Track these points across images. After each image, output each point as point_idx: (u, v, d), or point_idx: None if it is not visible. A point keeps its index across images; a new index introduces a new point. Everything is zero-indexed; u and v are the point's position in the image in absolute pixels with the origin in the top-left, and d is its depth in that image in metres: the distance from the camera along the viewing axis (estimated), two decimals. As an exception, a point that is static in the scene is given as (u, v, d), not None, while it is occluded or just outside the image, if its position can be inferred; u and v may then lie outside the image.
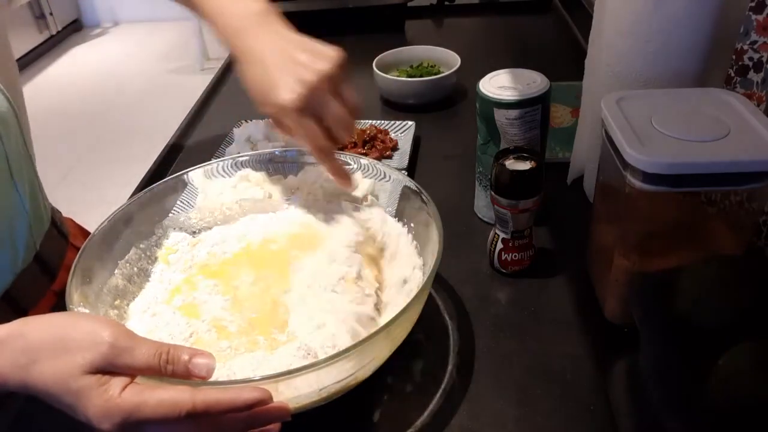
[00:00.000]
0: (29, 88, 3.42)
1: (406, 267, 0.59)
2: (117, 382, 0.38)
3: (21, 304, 0.64)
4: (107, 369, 0.39)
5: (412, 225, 0.62)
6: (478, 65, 0.85)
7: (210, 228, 0.67)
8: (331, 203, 0.67)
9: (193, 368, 0.41)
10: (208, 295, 0.56)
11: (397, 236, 0.63)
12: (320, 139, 0.58)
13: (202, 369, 0.41)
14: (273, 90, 0.55)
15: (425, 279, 0.51)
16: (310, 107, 0.55)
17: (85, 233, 0.81)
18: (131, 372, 0.39)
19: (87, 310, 0.52)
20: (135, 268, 0.62)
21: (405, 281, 0.58)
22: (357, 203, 0.67)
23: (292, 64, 0.56)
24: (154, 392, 0.38)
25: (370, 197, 0.67)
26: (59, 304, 0.66)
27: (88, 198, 2.42)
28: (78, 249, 0.56)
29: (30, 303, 0.65)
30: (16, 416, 0.55)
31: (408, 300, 0.49)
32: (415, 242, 0.61)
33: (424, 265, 0.57)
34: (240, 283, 0.57)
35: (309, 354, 0.49)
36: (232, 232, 0.64)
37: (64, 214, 0.80)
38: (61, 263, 0.71)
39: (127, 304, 0.58)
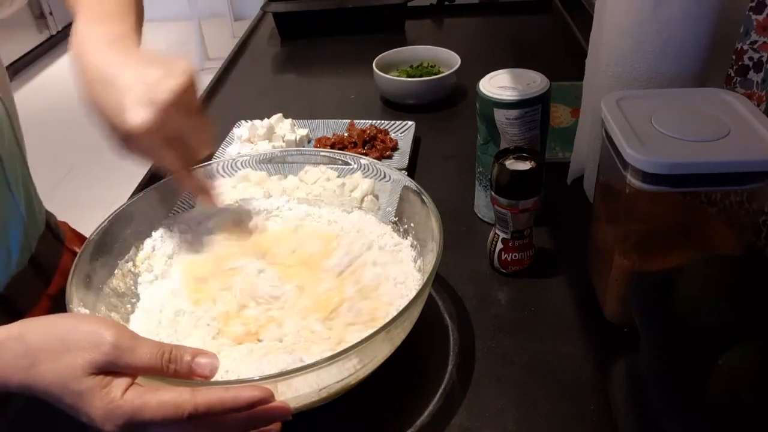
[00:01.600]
0: (29, 88, 3.43)
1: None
2: (119, 384, 0.38)
3: (16, 307, 0.64)
4: (109, 370, 0.39)
5: (412, 225, 0.62)
6: (478, 65, 0.85)
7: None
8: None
9: (195, 368, 0.41)
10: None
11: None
12: (175, 163, 0.55)
13: (205, 368, 0.41)
14: (120, 113, 0.51)
15: (425, 279, 0.51)
16: (162, 129, 0.51)
17: (81, 237, 0.80)
18: (133, 372, 0.39)
19: (87, 311, 0.52)
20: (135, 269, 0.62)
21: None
22: (357, 204, 0.67)
23: (140, 83, 0.51)
24: (155, 393, 0.38)
25: (370, 197, 0.67)
26: (54, 309, 0.66)
27: (88, 198, 2.42)
28: (73, 253, 0.56)
29: (25, 306, 0.65)
30: (16, 416, 0.55)
31: (408, 300, 0.49)
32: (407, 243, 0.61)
33: (424, 265, 0.57)
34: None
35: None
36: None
37: (65, 214, 0.80)
38: (56, 267, 0.71)
39: (128, 304, 0.58)
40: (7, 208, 0.63)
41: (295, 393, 0.46)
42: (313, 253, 0.61)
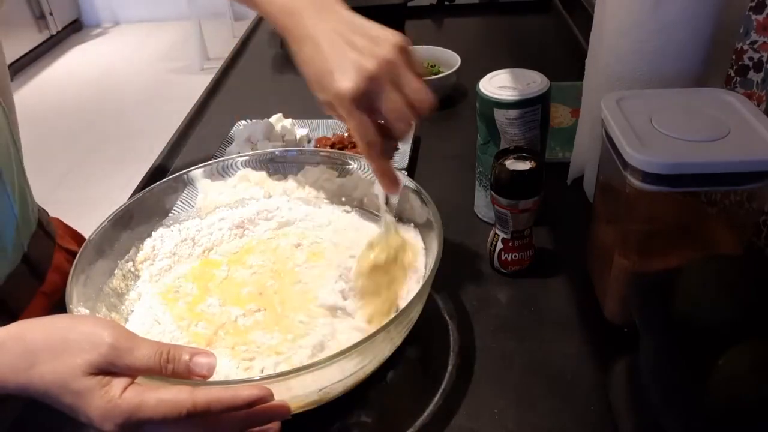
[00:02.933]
0: (29, 88, 3.42)
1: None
2: (118, 383, 0.38)
3: (10, 305, 0.64)
4: (108, 370, 0.39)
5: (412, 225, 0.62)
6: (478, 65, 0.85)
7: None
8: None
9: (194, 367, 0.41)
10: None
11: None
12: (371, 135, 0.51)
13: (203, 368, 0.41)
14: (328, 76, 0.49)
15: (425, 279, 0.51)
16: (366, 98, 0.49)
17: (73, 233, 0.80)
18: (132, 372, 0.40)
19: (87, 311, 0.52)
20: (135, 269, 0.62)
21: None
22: (355, 205, 0.67)
23: (351, 48, 0.50)
24: (154, 392, 0.38)
25: (370, 197, 0.67)
26: (50, 306, 0.66)
27: (88, 198, 2.42)
28: (65, 250, 0.55)
29: (20, 305, 0.65)
30: (17, 417, 0.55)
31: (408, 300, 0.49)
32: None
33: (424, 265, 0.57)
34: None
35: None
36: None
37: (65, 214, 0.80)
38: (49, 264, 0.70)
39: (127, 303, 0.58)
40: (2, 209, 0.63)
41: (295, 393, 0.46)
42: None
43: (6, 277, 0.63)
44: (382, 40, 0.50)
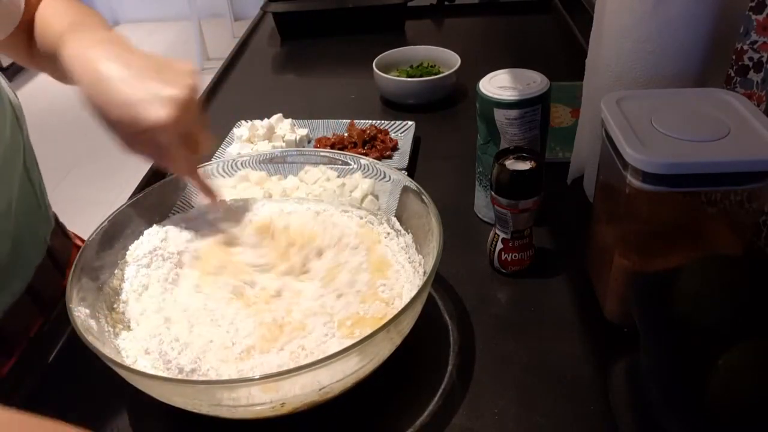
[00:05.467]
0: (29, 88, 3.42)
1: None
2: None
3: (42, 297, 0.66)
4: None
5: (412, 225, 0.62)
6: (478, 65, 0.85)
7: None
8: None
9: None
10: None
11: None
12: (188, 159, 0.56)
13: None
14: (140, 107, 0.50)
15: (425, 278, 0.51)
16: (180, 124, 0.51)
17: (79, 238, 0.81)
18: None
19: (87, 310, 0.52)
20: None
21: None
22: (356, 204, 0.67)
23: (157, 79, 0.52)
24: None
25: (370, 197, 0.67)
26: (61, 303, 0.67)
27: (88, 198, 2.42)
28: (78, 248, 0.57)
29: (49, 297, 0.67)
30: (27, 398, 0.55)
31: (408, 300, 0.49)
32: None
33: (424, 264, 0.57)
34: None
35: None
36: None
37: (65, 214, 0.82)
38: (68, 260, 0.73)
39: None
40: (30, 202, 0.66)
41: (295, 393, 0.46)
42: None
43: (37, 268, 0.66)
44: (183, 71, 0.54)
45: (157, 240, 0.60)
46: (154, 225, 0.63)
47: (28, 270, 0.66)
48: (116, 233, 0.61)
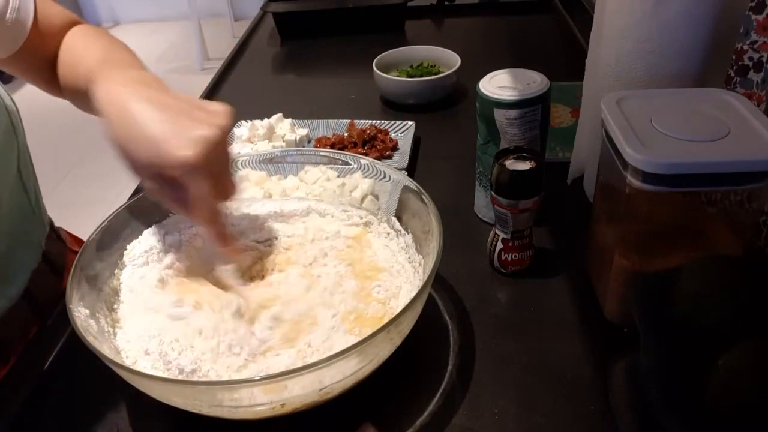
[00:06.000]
0: (29, 89, 3.42)
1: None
2: None
3: (39, 302, 0.66)
4: None
5: (412, 224, 0.62)
6: (478, 65, 0.85)
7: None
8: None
9: None
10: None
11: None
12: (212, 202, 0.52)
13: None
14: (168, 145, 0.48)
15: (425, 278, 0.51)
16: (207, 165, 0.49)
17: (78, 241, 0.82)
18: None
19: (87, 310, 0.52)
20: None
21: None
22: (356, 205, 0.67)
23: (188, 119, 0.49)
24: None
25: (370, 197, 0.67)
26: (60, 305, 0.67)
27: (88, 198, 2.43)
28: (75, 253, 0.56)
29: (46, 301, 0.67)
30: (16, 417, 0.55)
31: (407, 300, 0.49)
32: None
33: (424, 264, 0.57)
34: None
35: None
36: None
37: (65, 214, 0.83)
38: (64, 264, 0.73)
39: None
40: (24, 207, 0.65)
41: (295, 393, 0.46)
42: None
43: (33, 271, 0.66)
44: (216, 111, 0.51)
45: (154, 240, 0.60)
46: (153, 225, 0.63)
47: (24, 274, 0.66)
48: (116, 233, 0.61)
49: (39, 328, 0.66)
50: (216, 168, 0.51)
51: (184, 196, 0.51)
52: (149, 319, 0.54)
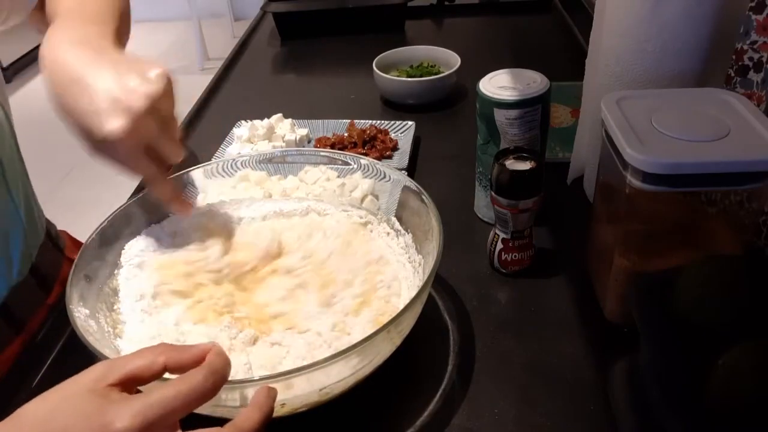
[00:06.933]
0: (29, 89, 3.42)
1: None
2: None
3: (17, 316, 0.63)
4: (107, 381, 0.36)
5: (412, 224, 0.62)
6: (478, 65, 0.85)
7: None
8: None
9: (195, 349, 0.38)
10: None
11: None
12: (151, 169, 0.53)
13: (204, 348, 0.39)
14: (94, 118, 0.49)
15: (425, 278, 0.51)
16: (137, 136, 0.49)
17: (79, 246, 0.80)
18: (128, 375, 0.37)
19: (87, 311, 0.52)
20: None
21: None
22: (356, 205, 0.67)
23: (116, 86, 0.49)
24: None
25: (370, 197, 0.67)
26: (53, 318, 0.65)
27: (88, 198, 2.42)
28: (71, 263, 0.55)
29: (25, 316, 0.64)
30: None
31: (407, 299, 0.49)
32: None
33: (424, 264, 0.57)
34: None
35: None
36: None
37: (65, 215, 0.81)
38: (56, 277, 0.70)
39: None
40: (8, 216, 0.62)
41: (296, 393, 0.46)
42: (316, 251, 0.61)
43: (13, 288, 0.63)
44: (149, 75, 0.51)
45: (150, 241, 0.60)
46: (152, 225, 0.63)
47: (4, 288, 0.62)
48: (116, 233, 0.61)
49: (21, 346, 0.63)
50: (148, 135, 0.51)
51: (123, 162, 0.52)
52: (150, 321, 0.54)
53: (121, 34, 0.61)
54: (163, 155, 0.54)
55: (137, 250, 0.60)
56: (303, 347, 0.51)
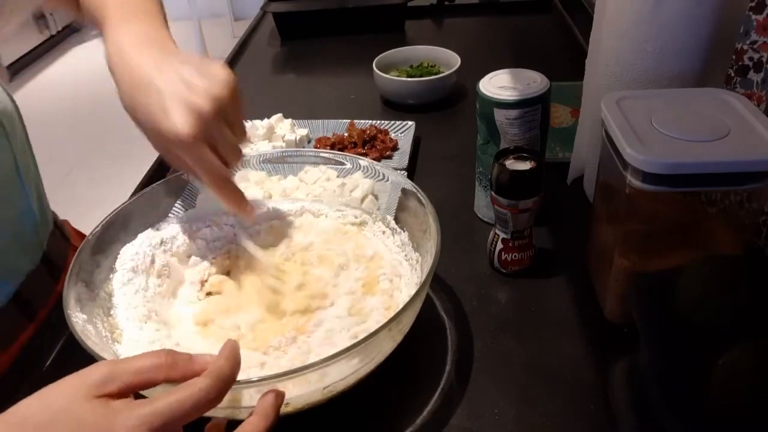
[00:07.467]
0: (29, 89, 3.43)
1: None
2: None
3: (31, 306, 0.65)
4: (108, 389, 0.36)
5: (411, 224, 0.62)
6: (478, 65, 0.85)
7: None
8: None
9: (197, 358, 0.38)
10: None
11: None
12: (218, 169, 0.53)
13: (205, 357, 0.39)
14: (164, 118, 0.50)
15: (424, 278, 0.51)
16: (204, 137, 0.51)
17: (82, 236, 0.80)
18: (132, 381, 0.36)
19: (84, 315, 0.51)
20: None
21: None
22: (356, 205, 0.67)
23: (185, 88, 0.51)
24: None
25: (370, 197, 0.67)
26: (60, 306, 0.66)
27: (88, 198, 2.42)
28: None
29: (38, 303, 0.66)
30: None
31: (406, 300, 0.49)
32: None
33: (422, 264, 0.57)
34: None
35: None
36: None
37: (66, 214, 0.81)
38: (64, 265, 0.71)
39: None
40: (23, 206, 0.64)
41: (297, 393, 0.46)
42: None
43: (27, 275, 0.64)
44: (215, 78, 0.52)
45: (147, 244, 0.60)
46: (149, 228, 0.62)
47: (19, 276, 0.63)
48: (112, 236, 0.60)
49: (34, 332, 0.65)
50: (218, 135, 0.52)
51: (189, 164, 0.53)
52: (148, 326, 0.54)
53: (167, 23, 0.62)
54: (224, 158, 0.54)
55: (132, 253, 0.59)
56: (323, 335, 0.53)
